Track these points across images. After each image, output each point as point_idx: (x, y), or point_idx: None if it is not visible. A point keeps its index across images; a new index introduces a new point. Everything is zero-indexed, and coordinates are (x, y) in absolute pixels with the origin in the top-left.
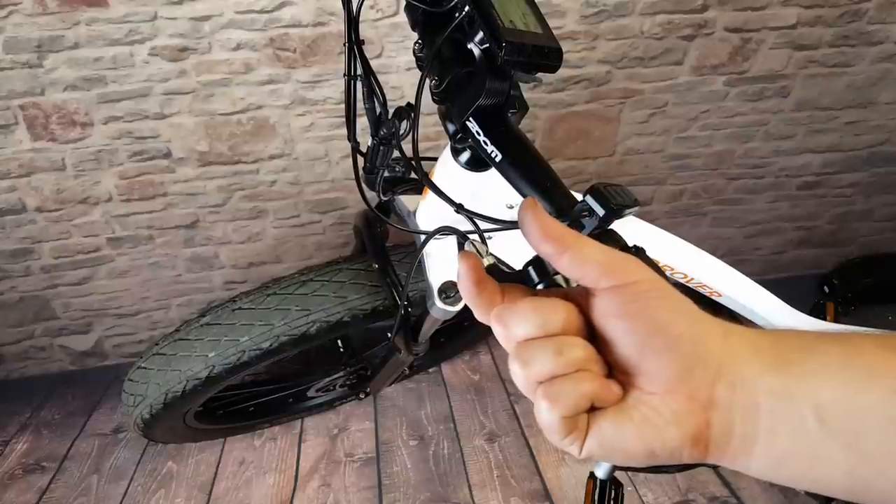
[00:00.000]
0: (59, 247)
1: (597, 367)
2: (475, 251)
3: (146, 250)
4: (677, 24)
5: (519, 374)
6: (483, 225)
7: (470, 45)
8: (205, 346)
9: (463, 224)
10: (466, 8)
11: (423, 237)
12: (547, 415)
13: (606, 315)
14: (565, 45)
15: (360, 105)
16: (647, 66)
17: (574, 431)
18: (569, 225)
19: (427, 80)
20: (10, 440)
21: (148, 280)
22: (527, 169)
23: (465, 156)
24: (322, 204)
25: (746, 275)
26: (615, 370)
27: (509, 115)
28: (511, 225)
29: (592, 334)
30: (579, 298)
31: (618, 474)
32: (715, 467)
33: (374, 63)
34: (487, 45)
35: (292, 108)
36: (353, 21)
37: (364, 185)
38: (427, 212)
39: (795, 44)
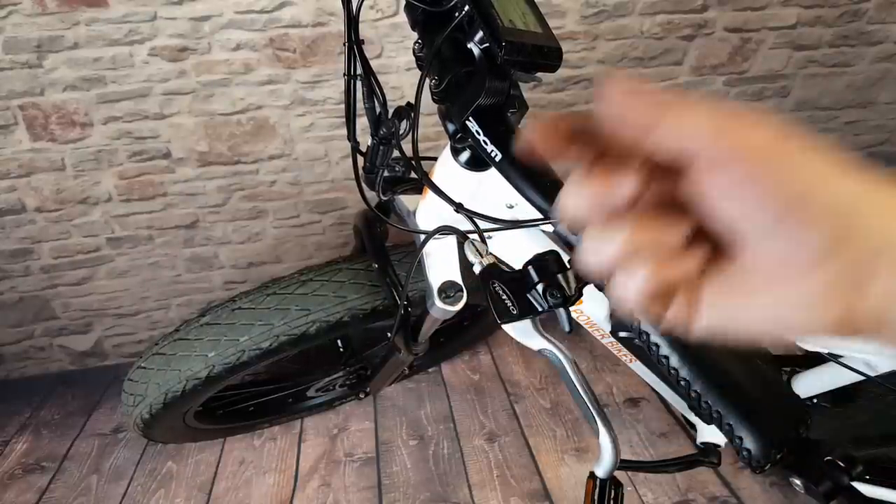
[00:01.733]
0: (58, 247)
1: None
2: (476, 250)
3: (146, 250)
4: (677, 24)
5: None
6: (483, 224)
7: (470, 45)
8: (204, 346)
9: (463, 224)
10: (466, 8)
11: (422, 237)
12: (631, 283)
13: (721, 188)
14: (565, 45)
15: (360, 105)
16: (647, 66)
17: (674, 307)
18: (568, 226)
19: (427, 80)
20: (10, 440)
21: (148, 280)
22: (527, 168)
23: (465, 155)
24: (322, 204)
25: None
26: (734, 248)
27: (509, 114)
28: (511, 224)
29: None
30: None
31: (618, 474)
32: (715, 467)
33: (374, 63)
34: (487, 44)
35: (292, 109)
36: (353, 21)
37: (364, 185)
38: (427, 211)
39: (795, 44)
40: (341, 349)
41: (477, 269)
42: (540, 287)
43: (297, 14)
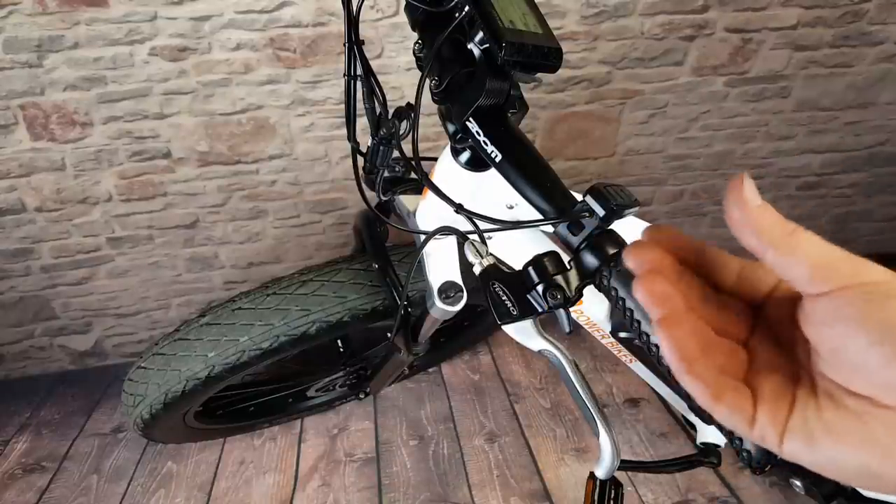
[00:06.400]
0: (58, 247)
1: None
2: (476, 251)
3: (146, 250)
4: (677, 24)
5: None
6: (483, 225)
7: (470, 45)
8: (205, 346)
9: (463, 224)
10: (466, 8)
11: (422, 237)
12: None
13: (821, 323)
14: (565, 46)
15: (360, 105)
16: (648, 66)
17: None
18: (568, 226)
19: (427, 80)
20: (10, 440)
21: (148, 280)
22: (527, 169)
23: (465, 156)
24: (322, 204)
25: None
26: (826, 380)
27: (509, 115)
28: (511, 225)
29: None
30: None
31: (618, 474)
32: (715, 467)
33: (374, 63)
34: (487, 45)
35: (292, 108)
36: (353, 21)
37: (364, 185)
38: (427, 212)
39: (796, 44)
40: (341, 349)
41: (477, 269)
42: (540, 288)
43: (298, 14)
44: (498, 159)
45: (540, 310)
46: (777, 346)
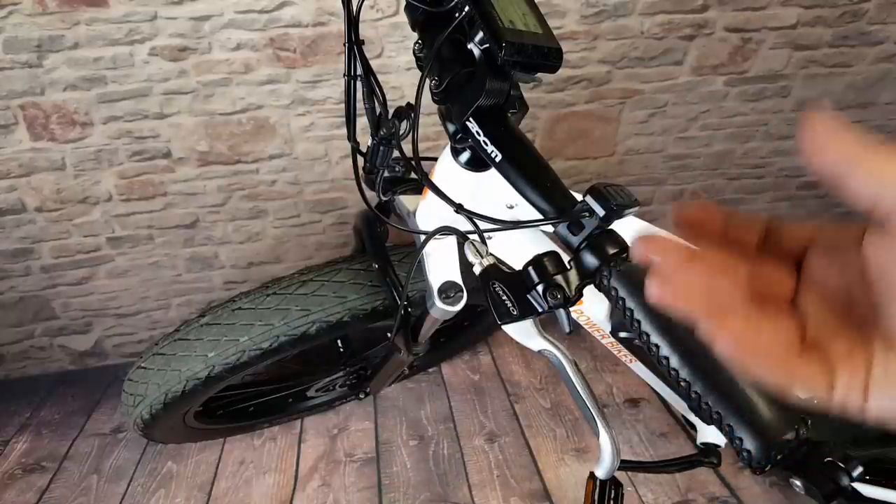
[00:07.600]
0: (58, 247)
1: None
2: (476, 251)
3: (146, 250)
4: (677, 24)
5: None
6: (483, 225)
7: (470, 45)
8: (205, 346)
9: (463, 224)
10: (466, 8)
11: (423, 237)
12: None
13: None
14: (565, 45)
15: (360, 105)
16: (647, 66)
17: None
18: (568, 226)
19: (427, 80)
20: (10, 440)
21: (148, 280)
22: (527, 169)
23: (465, 156)
24: (322, 204)
25: None
26: None
27: (509, 115)
28: (511, 225)
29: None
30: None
31: (618, 474)
32: (715, 467)
33: (374, 63)
34: (487, 45)
35: (292, 108)
36: (353, 21)
37: (364, 185)
38: (427, 212)
39: (795, 44)
40: (341, 349)
41: (477, 269)
42: (540, 288)
43: (298, 14)
44: (498, 159)
45: (540, 310)
46: (826, 300)
